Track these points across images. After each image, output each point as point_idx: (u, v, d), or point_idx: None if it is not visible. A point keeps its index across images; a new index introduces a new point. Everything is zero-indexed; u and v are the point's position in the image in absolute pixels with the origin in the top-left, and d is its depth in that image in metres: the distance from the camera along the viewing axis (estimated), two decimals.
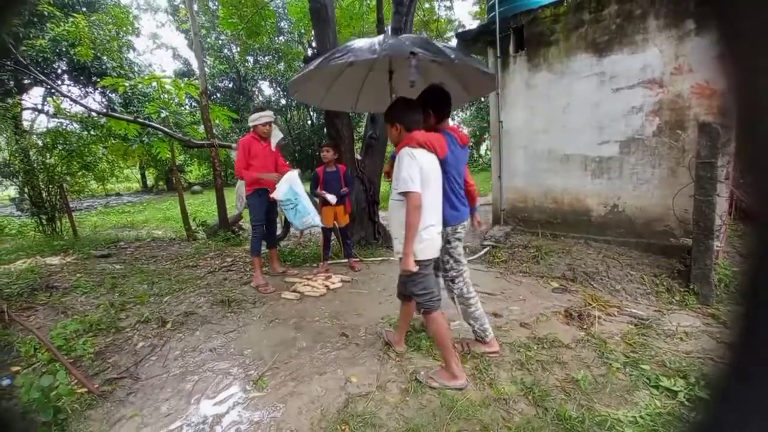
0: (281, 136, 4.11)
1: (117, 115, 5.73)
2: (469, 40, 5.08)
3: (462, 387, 2.20)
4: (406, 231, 2.06)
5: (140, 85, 8.48)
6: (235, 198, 4.27)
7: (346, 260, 4.52)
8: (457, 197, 2.38)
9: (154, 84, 6.97)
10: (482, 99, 17.81)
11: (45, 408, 1.89)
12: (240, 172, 3.80)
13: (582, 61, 4.19)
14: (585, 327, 2.90)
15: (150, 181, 21.09)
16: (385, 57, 2.38)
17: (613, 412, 1.97)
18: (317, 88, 3.33)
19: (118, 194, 18.61)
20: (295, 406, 2.15)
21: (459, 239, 2.47)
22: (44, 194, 6.63)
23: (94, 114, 7.66)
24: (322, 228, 4.17)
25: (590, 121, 4.18)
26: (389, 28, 5.31)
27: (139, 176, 21.12)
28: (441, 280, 2.56)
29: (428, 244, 2.14)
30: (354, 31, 9.73)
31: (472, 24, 16.00)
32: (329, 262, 4.41)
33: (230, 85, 20.70)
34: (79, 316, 3.13)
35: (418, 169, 2.03)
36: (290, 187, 3.58)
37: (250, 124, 3.84)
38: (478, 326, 2.55)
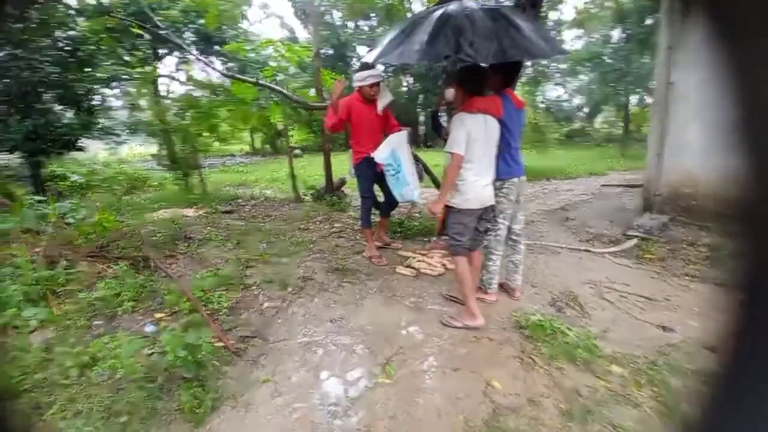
0: (390, 98, 3.60)
1: (243, 77, 5.97)
2: None
3: (480, 326, 2.49)
4: (443, 181, 2.51)
5: (260, 50, 8.86)
6: (349, 165, 4.06)
7: None
8: (508, 154, 2.63)
9: (269, 50, 7.14)
10: (609, 60, 15.29)
11: (189, 365, 1.91)
12: (326, 125, 3.58)
13: None
14: None
15: (257, 144, 22.94)
16: (421, 62, 2.55)
17: None
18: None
19: (232, 155, 20.65)
20: (431, 406, 1.89)
21: (506, 196, 2.66)
22: (179, 153, 7.40)
23: (222, 78, 8.23)
24: None
25: None
26: None
27: (249, 139, 23.09)
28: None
29: (470, 196, 2.43)
30: None
31: None
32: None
33: (330, 51, 21.03)
34: (213, 269, 3.30)
35: (464, 134, 2.33)
36: (392, 150, 3.15)
37: (355, 84, 3.49)
38: (487, 277, 2.84)
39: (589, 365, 2.13)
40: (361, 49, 21.98)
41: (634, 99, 16.87)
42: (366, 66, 3.40)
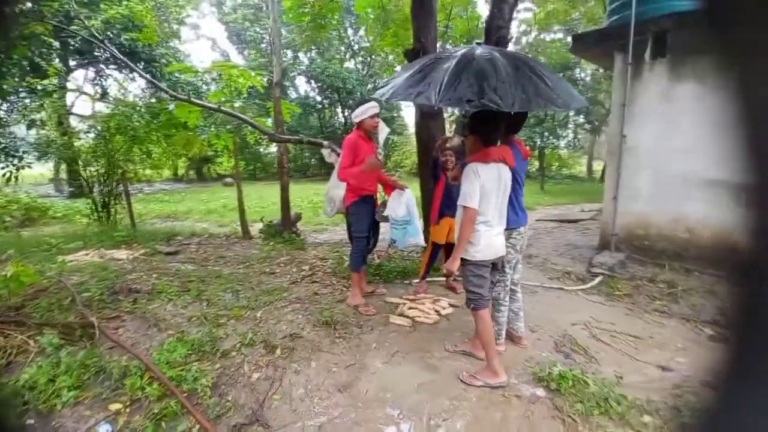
0: (388, 130, 3.60)
1: (200, 102, 5.34)
2: (588, 42, 4.55)
3: (503, 384, 2.33)
4: (458, 238, 2.36)
5: (206, 74, 8.17)
6: (326, 201, 3.77)
7: (442, 279, 4.03)
8: (516, 203, 2.62)
9: (214, 74, 6.62)
10: (544, 114, 17.20)
11: None
12: (343, 173, 3.29)
13: None
14: None
15: (180, 170, 20.95)
16: (441, 104, 2.35)
17: None
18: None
19: (149, 181, 18.47)
20: None
21: (513, 246, 2.65)
22: (97, 178, 6.30)
23: (144, 98, 7.37)
24: (433, 243, 3.68)
25: None
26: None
27: (171, 164, 21.01)
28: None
29: (482, 246, 2.32)
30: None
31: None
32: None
33: (264, 80, 20.54)
34: (174, 331, 2.69)
35: (478, 187, 2.24)
36: (407, 207, 3.36)
37: (357, 120, 3.35)
38: (497, 329, 2.67)
39: (624, 418, 2.09)
40: (300, 80, 21.94)
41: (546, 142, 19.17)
42: (363, 101, 3.30)
